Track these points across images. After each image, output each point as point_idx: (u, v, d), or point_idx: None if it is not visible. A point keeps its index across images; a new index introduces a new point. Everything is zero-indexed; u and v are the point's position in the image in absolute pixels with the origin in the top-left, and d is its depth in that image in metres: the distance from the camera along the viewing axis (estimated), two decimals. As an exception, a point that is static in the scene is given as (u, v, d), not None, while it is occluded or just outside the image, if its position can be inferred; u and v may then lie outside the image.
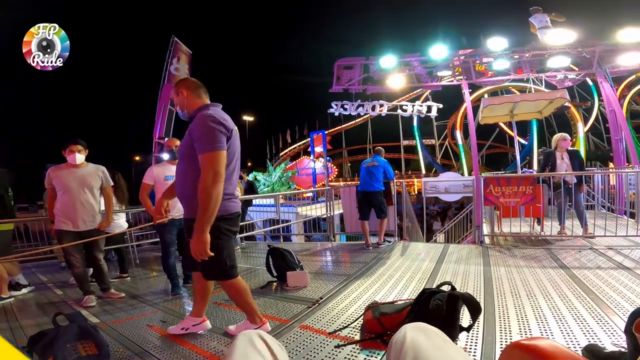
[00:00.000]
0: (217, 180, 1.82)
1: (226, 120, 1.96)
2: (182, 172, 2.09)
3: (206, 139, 1.85)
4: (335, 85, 12.45)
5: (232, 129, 1.99)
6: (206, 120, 1.89)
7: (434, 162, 30.69)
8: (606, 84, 9.93)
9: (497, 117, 7.62)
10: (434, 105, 12.67)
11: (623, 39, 9.71)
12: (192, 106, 2.09)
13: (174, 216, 3.42)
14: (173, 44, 14.30)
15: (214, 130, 1.86)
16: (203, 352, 2.09)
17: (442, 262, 3.95)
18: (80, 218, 3.33)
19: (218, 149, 1.85)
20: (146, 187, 3.52)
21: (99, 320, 2.86)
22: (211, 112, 1.95)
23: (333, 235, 6.23)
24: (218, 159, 1.85)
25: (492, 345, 1.88)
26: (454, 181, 7.77)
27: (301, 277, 3.39)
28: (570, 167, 4.93)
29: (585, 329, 1.99)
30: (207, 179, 1.80)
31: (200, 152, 1.86)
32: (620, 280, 2.85)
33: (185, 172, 2.05)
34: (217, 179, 1.82)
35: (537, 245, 4.52)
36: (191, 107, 2.09)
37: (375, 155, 5.36)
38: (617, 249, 3.93)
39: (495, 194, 4.85)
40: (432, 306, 1.84)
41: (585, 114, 25.06)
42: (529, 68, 10.83)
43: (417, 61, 11.76)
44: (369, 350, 1.92)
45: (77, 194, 3.34)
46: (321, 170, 19.63)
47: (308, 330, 2.27)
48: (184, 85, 2.13)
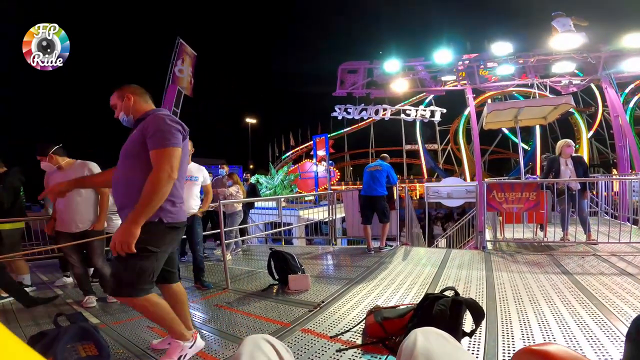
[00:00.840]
0: (171, 177, 1.72)
1: (181, 122, 1.89)
2: (127, 172, 1.87)
3: (162, 135, 1.75)
4: (339, 89, 12.50)
5: (187, 130, 1.92)
6: (163, 117, 1.81)
7: (436, 167, 30.62)
8: (611, 90, 9.92)
9: (501, 123, 7.61)
10: (437, 110, 12.67)
11: (628, 44, 9.69)
12: (140, 111, 1.97)
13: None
14: (178, 46, 14.37)
15: (171, 127, 1.78)
16: (203, 354, 2.08)
17: (444, 267, 3.94)
18: (72, 220, 3.28)
19: (176, 145, 1.77)
20: None
21: (99, 321, 2.86)
22: (166, 112, 1.89)
23: (335, 239, 6.22)
24: (175, 155, 1.76)
25: (495, 350, 1.87)
26: (456, 186, 7.73)
27: (303, 280, 3.37)
28: (574, 173, 4.91)
29: (588, 334, 1.97)
30: (162, 175, 1.69)
31: (154, 147, 1.74)
32: (623, 286, 2.82)
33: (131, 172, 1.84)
34: (172, 176, 1.72)
35: (540, 251, 4.49)
36: (138, 111, 1.97)
37: (379, 160, 5.37)
38: (621, 256, 3.90)
39: (498, 200, 4.83)
40: (435, 311, 1.83)
41: (589, 119, 24.99)
42: (534, 73, 10.82)
43: (421, 65, 11.78)
44: (371, 355, 1.91)
45: (66, 196, 3.33)
46: (323, 173, 19.64)
47: (309, 334, 2.26)
48: (130, 90, 1.99)
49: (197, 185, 3.68)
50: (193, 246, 3.77)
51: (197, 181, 3.65)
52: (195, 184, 3.64)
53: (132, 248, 1.63)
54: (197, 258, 3.78)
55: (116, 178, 1.93)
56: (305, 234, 9.54)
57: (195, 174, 3.65)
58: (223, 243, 3.94)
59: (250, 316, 2.75)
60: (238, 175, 6.20)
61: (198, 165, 3.76)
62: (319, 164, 20.10)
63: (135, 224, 1.64)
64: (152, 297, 1.85)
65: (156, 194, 1.68)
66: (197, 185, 3.68)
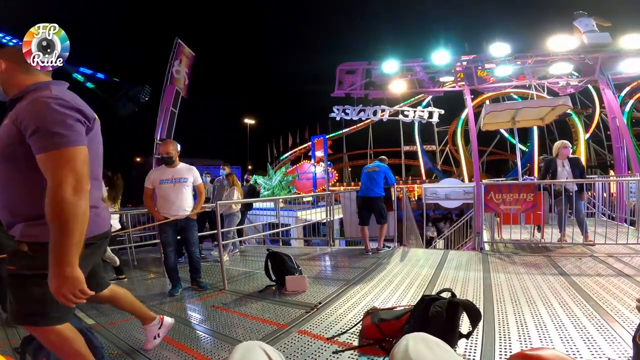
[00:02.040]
0: (80, 189, 1.21)
1: (83, 105, 1.33)
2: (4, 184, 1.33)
3: (50, 131, 1.19)
4: (337, 89, 12.51)
5: (93, 118, 1.38)
6: (47, 102, 1.22)
7: (434, 168, 30.64)
8: (608, 91, 9.96)
9: (498, 124, 7.61)
10: (435, 111, 12.68)
11: (626, 46, 9.72)
12: (16, 85, 1.34)
13: (173, 217, 3.55)
14: (176, 46, 14.36)
15: (64, 118, 1.22)
16: (199, 356, 2.07)
17: (441, 268, 3.93)
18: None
19: (76, 143, 1.23)
20: (147, 191, 3.63)
21: (94, 322, 2.85)
22: (55, 92, 1.27)
23: (332, 240, 6.21)
24: (78, 158, 1.22)
25: (492, 352, 1.86)
26: (454, 187, 7.74)
27: (300, 281, 3.36)
28: (571, 174, 4.92)
29: (585, 336, 1.97)
30: (65, 189, 1.17)
31: (43, 149, 1.19)
32: (620, 287, 2.83)
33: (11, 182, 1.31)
34: (81, 187, 1.21)
35: (537, 252, 4.49)
36: (14, 85, 1.34)
37: (376, 161, 5.36)
38: (617, 257, 3.90)
39: (496, 201, 4.83)
40: (432, 313, 1.82)
41: (587, 121, 25.07)
42: (531, 74, 10.85)
43: (420, 66, 11.80)
44: (368, 357, 1.90)
45: None
46: (322, 174, 19.64)
47: (306, 335, 2.25)
48: (4, 54, 1.36)
49: (187, 187, 3.66)
50: (188, 247, 3.76)
51: (186, 182, 3.63)
52: (185, 186, 3.63)
53: (87, 291, 1.23)
54: (193, 259, 3.76)
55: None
56: (303, 235, 9.53)
57: (184, 175, 3.63)
58: (220, 244, 3.94)
59: (246, 317, 2.74)
60: (237, 177, 6.17)
61: (187, 166, 3.76)
62: (317, 165, 20.10)
63: (66, 266, 1.17)
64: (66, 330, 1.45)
65: (71, 220, 1.17)
66: (187, 187, 3.66)
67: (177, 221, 3.59)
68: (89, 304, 3.36)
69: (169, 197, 3.55)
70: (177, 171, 3.62)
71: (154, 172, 3.69)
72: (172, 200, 3.55)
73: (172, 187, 3.56)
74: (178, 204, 3.56)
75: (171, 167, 3.63)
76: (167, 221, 3.55)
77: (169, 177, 3.57)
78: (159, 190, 3.57)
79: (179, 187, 3.57)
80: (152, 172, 3.69)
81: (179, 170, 3.63)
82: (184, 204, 3.62)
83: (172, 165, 3.63)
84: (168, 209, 3.55)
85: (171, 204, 3.55)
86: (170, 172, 3.60)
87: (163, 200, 3.58)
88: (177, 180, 3.57)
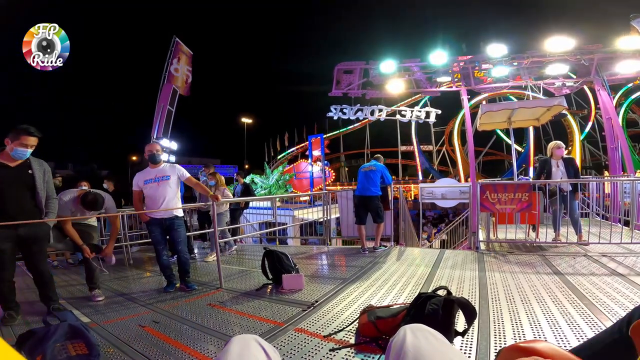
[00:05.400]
0: None
1: None
2: None
3: None
4: (335, 89, 12.49)
5: None
6: None
7: (431, 168, 30.75)
8: (603, 92, 10.03)
9: (495, 124, 7.64)
10: (432, 111, 12.70)
11: (622, 47, 9.78)
12: None
13: (160, 216, 3.68)
14: (174, 44, 14.29)
15: None
16: (195, 353, 2.07)
17: (437, 267, 3.95)
18: None
19: None
20: (135, 193, 3.75)
21: (90, 320, 2.83)
22: None
23: (329, 239, 6.22)
24: None
25: (487, 349, 1.88)
26: (450, 187, 7.77)
27: (297, 280, 3.37)
28: (566, 174, 4.96)
29: (578, 334, 1.99)
30: None
31: None
32: (613, 286, 2.85)
33: None
34: None
35: (532, 251, 4.53)
36: None
37: (373, 160, 5.37)
38: (611, 256, 3.94)
39: (491, 201, 4.86)
40: (428, 310, 1.84)
41: (582, 121, 25.25)
42: (528, 75, 10.90)
43: (417, 66, 11.81)
44: (364, 354, 1.91)
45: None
46: (318, 174, 19.64)
47: (303, 333, 2.25)
48: None
49: (171, 185, 3.69)
50: (175, 246, 3.78)
51: (169, 180, 3.67)
52: (168, 184, 3.66)
53: None
54: (181, 259, 3.76)
55: None
56: (300, 234, 9.53)
57: (167, 173, 3.69)
58: (217, 242, 3.95)
59: (243, 315, 2.74)
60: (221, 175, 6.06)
61: (171, 164, 3.84)
62: (314, 164, 20.10)
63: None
64: None
65: None
66: (171, 185, 3.69)
67: (162, 220, 3.68)
68: (85, 302, 3.37)
69: (154, 196, 3.64)
70: (160, 170, 3.70)
71: (138, 174, 3.77)
72: (156, 199, 3.63)
73: (156, 185, 3.64)
74: (162, 202, 3.63)
75: (155, 167, 3.71)
76: (153, 219, 3.67)
77: (152, 176, 3.66)
78: (145, 191, 3.68)
79: (162, 185, 3.65)
80: (137, 175, 3.77)
81: (162, 169, 3.72)
82: (171, 202, 3.68)
83: (156, 165, 3.72)
84: (154, 208, 3.64)
85: (156, 203, 3.63)
86: (153, 172, 3.69)
87: (149, 199, 3.68)
88: (160, 179, 3.65)
